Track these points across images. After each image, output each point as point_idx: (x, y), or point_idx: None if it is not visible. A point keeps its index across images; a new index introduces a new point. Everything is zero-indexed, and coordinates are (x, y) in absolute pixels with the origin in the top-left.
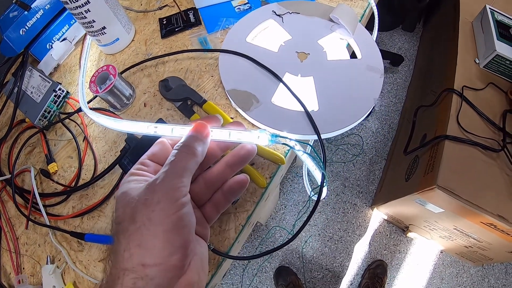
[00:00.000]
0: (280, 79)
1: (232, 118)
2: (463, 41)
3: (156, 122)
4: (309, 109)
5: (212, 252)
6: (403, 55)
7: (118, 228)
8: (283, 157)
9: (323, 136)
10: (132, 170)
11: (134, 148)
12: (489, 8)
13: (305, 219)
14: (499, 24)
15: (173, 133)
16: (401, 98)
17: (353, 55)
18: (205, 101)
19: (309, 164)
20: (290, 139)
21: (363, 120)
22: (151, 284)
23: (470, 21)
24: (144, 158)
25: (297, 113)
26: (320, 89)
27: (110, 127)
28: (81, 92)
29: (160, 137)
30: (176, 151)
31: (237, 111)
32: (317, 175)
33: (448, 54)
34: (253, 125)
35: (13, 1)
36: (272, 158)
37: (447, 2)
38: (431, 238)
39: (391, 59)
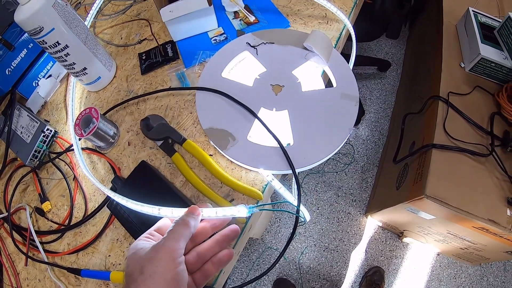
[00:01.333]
0: (255, 115)
1: (211, 155)
2: (448, 45)
3: (138, 165)
4: (285, 143)
5: None
6: (390, 60)
7: (129, 279)
8: (261, 193)
9: (300, 170)
10: (141, 237)
11: (120, 190)
12: (472, 10)
13: (300, 231)
14: (483, 26)
15: (173, 214)
16: (390, 104)
17: (329, 82)
18: (185, 139)
19: (287, 196)
20: (267, 208)
21: (353, 129)
22: None
23: (454, 24)
24: (151, 230)
25: (273, 149)
26: (295, 122)
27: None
28: (73, 136)
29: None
30: (174, 223)
31: (215, 148)
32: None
33: (433, 59)
34: (231, 162)
35: None
36: (250, 194)
37: (431, 5)
38: (427, 242)
39: (379, 65)
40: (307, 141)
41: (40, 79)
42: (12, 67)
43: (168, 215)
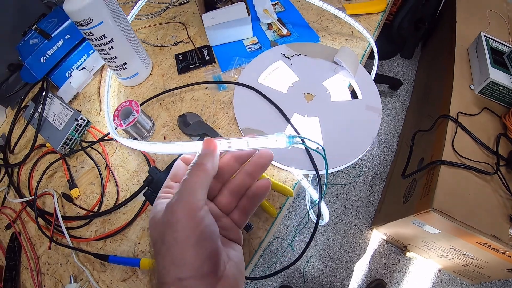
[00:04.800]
0: (288, 121)
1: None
2: (459, 67)
3: (177, 158)
4: (315, 147)
5: None
6: (402, 79)
7: (154, 250)
8: (292, 190)
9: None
10: (159, 194)
11: (157, 180)
12: (484, 35)
13: (306, 239)
14: (493, 51)
15: (195, 147)
16: (400, 121)
17: (353, 93)
18: (221, 137)
19: (311, 192)
20: (305, 145)
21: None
22: None
23: (465, 48)
24: (167, 181)
25: (304, 151)
26: (324, 128)
27: (144, 150)
28: (108, 122)
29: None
30: (189, 170)
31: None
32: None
33: (444, 80)
34: None
35: (33, 28)
36: (281, 191)
37: (444, 28)
38: (429, 257)
39: (390, 83)
40: (335, 146)
41: (74, 70)
42: (47, 56)
43: (192, 151)
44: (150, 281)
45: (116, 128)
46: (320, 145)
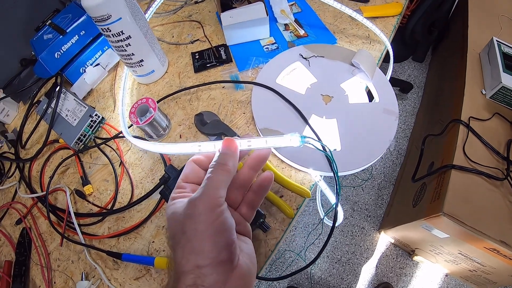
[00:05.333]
0: (307, 122)
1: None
2: (471, 72)
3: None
4: (332, 149)
5: None
6: (412, 82)
7: (173, 242)
8: (309, 191)
9: (344, 173)
10: (172, 195)
11: (174, 179)
12: (496, 40)
13: (314, 241)
14: (505, 56)
15: (213, 148)
16: (410, 125)
17: (369, 96)
18: (239, 137)
19: (329, 196)
20: (317, 147)
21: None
22: (208, 280)
23: (477, 52)
24: (179, 182)
25: (322, 153)
26: (342, 130)
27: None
28: (122, 120)
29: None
30: (212, 168)
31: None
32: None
33: (456, 84)
34: (282, 161)
35: (47, 24)
36: (299, 192)
37: (456, 32)
38: (437, 261)
39: (401, 86)
40: (352, 148)
41: (88, 66)
42: (62, 51)
43: (210, 150)
44: (168, 274)
45: (131, 125)
46: (328, 147)
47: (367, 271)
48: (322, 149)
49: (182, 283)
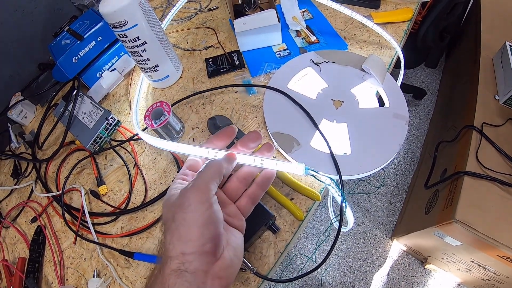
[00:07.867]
0: (316, 127)
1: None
2: (483, 77)
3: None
4: (342, 153)
5: (255, 275)
6: (426, 88)
7: (165, 227)
8: (319, 194)
9: (353, 177)
10: (175, 179)
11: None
12: (509, 44)
13: (325, 247)
14: None
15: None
16: (423, 131)
17: (380, 100)
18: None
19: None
20: (320, 177)
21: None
22: (191, 267)
23: (490, 57)
24: (183, 169)
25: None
26: (352, 134)
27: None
28: (135, 121)
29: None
30: (206, 165)
31: (278, 151)
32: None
33: (469, 90)
34: None
35: (65, 30)
36: (309, 195)
37: (469, 37)
38: (449, 270)
39: (414, 92)
40: (362, 152)
41: (104, 71)
42: (79, 56)
43: (219, 157)
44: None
45: (146, 128)
46: (333, 179)
47: (379, 279)
48: (324, 181)
49: (168, 267)
